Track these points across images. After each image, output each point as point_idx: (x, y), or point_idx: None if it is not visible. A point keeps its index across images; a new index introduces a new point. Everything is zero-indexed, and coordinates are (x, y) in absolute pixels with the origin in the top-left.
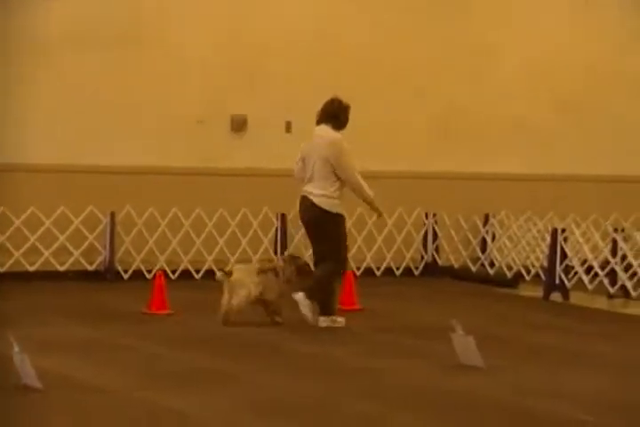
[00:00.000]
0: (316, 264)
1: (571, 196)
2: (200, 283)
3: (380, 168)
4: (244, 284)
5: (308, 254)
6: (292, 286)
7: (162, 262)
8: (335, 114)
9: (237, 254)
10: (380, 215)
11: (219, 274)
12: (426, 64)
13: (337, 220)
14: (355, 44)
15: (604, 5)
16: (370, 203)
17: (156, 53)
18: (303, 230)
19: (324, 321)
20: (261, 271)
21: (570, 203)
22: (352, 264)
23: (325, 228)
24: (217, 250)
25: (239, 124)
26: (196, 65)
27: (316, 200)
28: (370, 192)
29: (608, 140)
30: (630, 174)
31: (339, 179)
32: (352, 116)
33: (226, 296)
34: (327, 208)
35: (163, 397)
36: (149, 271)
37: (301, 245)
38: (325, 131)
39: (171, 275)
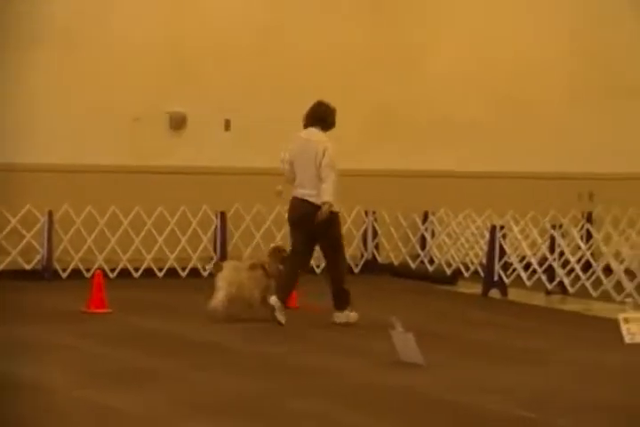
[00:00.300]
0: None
1: (509, 193)
2: (139, 281)
3: None
4: (233, 281)
5: (247, 252)
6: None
7: (100, 261)
8: (323, 117)
9: (176, 253)
10: (321, 216)
11: (209, 265)
12: (358, 63)
13: (337, 218)
14: (291, 43)
15: (540, 3)
16: (323, 196)
17: (93, 51)
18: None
19: (337, 317)
20: (251, 268)
21: (508, 200)
22: None
23: (326, 226)
24: (156, 248)
25: (178, 122)
26: (135, 63)
27: (310, 199)
28: (329, 198)
29: (543, 137)
30: (567, 171)
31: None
32: (286, 114)
33: (219, 295)
34: (316, 202)
35: (102, 395)
36: (88, 270)
37: (240, 244)
38: (315, 134)
39: (109, 273)
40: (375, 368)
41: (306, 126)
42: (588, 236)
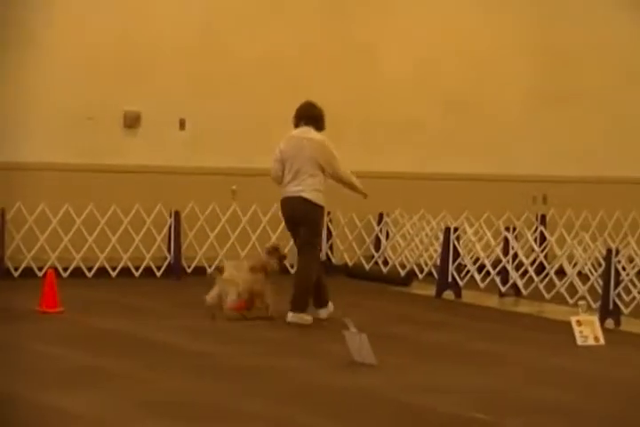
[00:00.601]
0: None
1: (464, 195)
2: (92, 280)
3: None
4: (234, 281)
5: (201, 252)
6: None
7: (53, 260)
8: (316, 117)
9: (130, 252)
10: (365, 196)
11: (210, 271)
12: (310, 62)
13: (323, 212)
14: (245, 42)
15: (489, 3)
16: (360, 192)
17: (45, 49)
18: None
19: (292, 317)
20: (252, 269)
21: (463, 202)
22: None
23: (316, 221)
24: (109, 247)
25: (132, 121)
26: (89, 61)
27: (307, 196)
28: (359, 184)
29: (498, 138)
30: (522, 173)
31: (324, 175)
32: (242, 114)
33: (213, 292)
34: (318, 202)
35: (52, 396)
36: (40, 269)
37: (195, 243)
38: (309, 132)
39: (62, 272)
40: (329, 369)
41: (298, 126)
42: (542, 238)
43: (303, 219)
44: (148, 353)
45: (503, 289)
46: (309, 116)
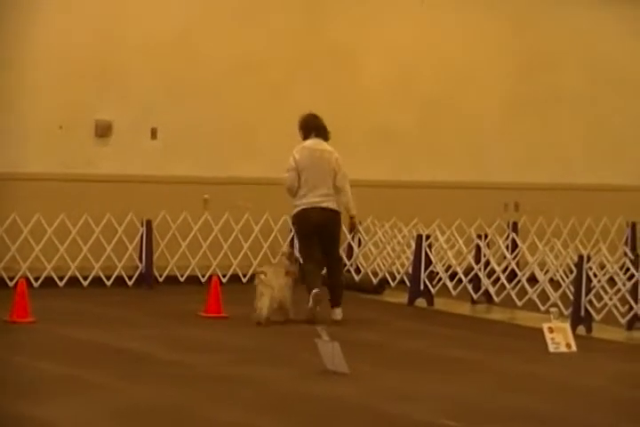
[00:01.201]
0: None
1: (435, 202)
2: (64, 290)
3: (249, 174)
4: (274, 286)
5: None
6: None
7: (24, 269)
8: (324, 128)
9: (102, 261)
10: (353, 219)
11: (259, 277)
12: (284, 69)
13: (340, 218)
14: (215, 49)
15: (465, 7)
16: (350, 209)
17: (17, 58)
18: None
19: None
20: (287, 273)
21: (434, 209)
22: (218, 272)
23: (338, 226)
24: (81, 257)
25: (104, 130)
26: (59, 70)
27: (329, 205)
28: (355, 210)
29: (470, 146)
30: (493, 181)
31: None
32: (214, 123)
33: (265, 298)
34: (338, 209)
35: (24, 406)
36: (11, 279)
37: (166, 252)
38: (321, 144)
39: (33, 282)
40: (302, 378)
41: (307, 137)
42: (514, 245)
43: (332, 228)
44: (121, 363)
45: (475, 296)
46: (318, 127)
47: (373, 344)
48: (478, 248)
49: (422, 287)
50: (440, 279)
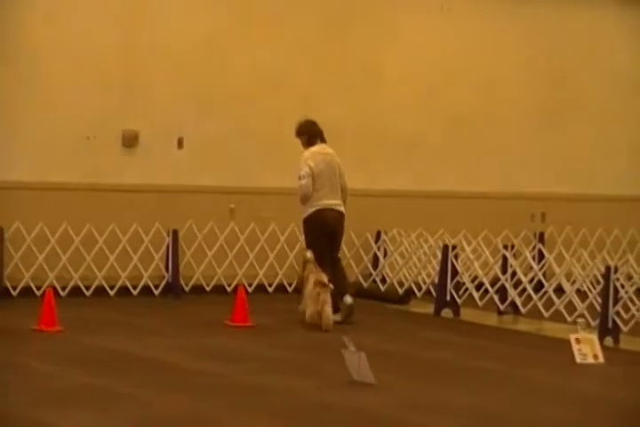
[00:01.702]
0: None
1: (462, 212)
2: (90, 299)
3: (273, 185)
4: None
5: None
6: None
7: (51, 279)
8: (322, 133)
9: (128, 271)
10: None
11: (321, 286)
12: (314, 79)
13: None
14: (243, 60)
15: (489, 18)
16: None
17: (44, 68)
18: None
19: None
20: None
21: (461, 220)
22: (244, 281)
23: (343, 228)
24: (107, 266)
25: (130, 140)
26: (87, 80)
27: (341, 208)
28: None
29: (496, 156)
30: (520, 191)
31: None
32: (248, 131)
33: (326, 306)
34: (344, 212)
35: (49, 414)
36: (39, 288)
37: (192, 262)
38: (327, 148)
39: (60, 291)
40: (327, 388)
41: (313, 143)
42: (540, 256)
43: (342, 230)
44: (146, 372)
45: (502, 307)
46: (320, 132)
47: (399, 355)
48: (505, 259)
49: (448, 298)
50: (466, 290)
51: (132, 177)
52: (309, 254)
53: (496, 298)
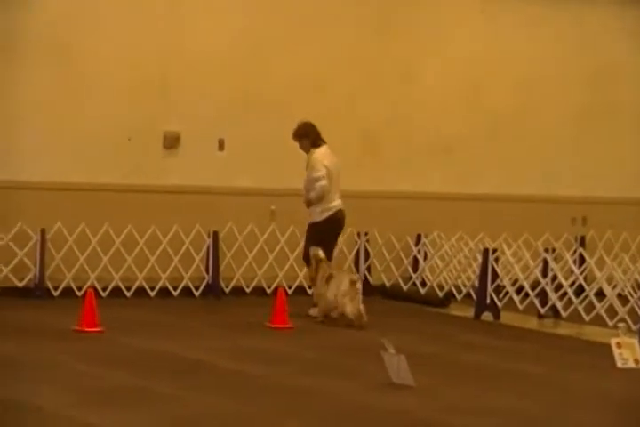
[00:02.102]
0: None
1: (502, 216)
2: (131, 301)
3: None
4: None
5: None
6: None
7: (92, 279)
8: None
9: (168, 272)
10: None
11: (356, 284)
12: (354, 82)
13: None
14: (285, 61)
15: (530, 23)
16: None
17: (87, 69)
18: None
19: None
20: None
21: (501, 223)
22: (284, 283)
23: None
24: (148, 267)
25: (172, 142)
26: (129, 82)
27: (343, 208)
28: None
29: (537, 159)
30: (561, 195)
31: None
32: (281, 134)
33: (362, 305)
34: None
35: (91, 414)
36: (80, 288)
37: (232, 264)
38: (328, 149)
39: (101, 292)
40: (366, 390)
41: (320, 144)
42: (581, 260)
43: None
44: (186, 373)
45: (542, 311)
46: (320, 135)
47: (438, 358)
48: (545, 262)
49: (489, 301)
50: (507, 293)
51: (173, 178)
52: (322, 254)
53: (536, 302)
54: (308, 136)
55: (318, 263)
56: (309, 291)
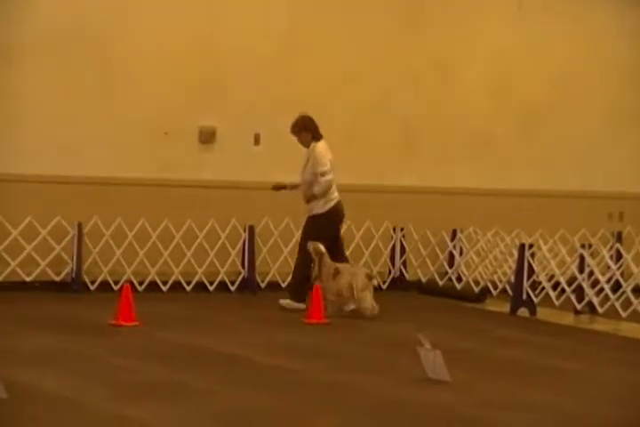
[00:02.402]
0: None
1: (539, 211)
2: (167, 295)
3: (349, 181)
4: None
5: (275, 267)
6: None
7: (129, 274)
8: None
9: (205, 267)
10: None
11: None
12: (391, 77)
13: None
14: (320, 57)
15: (560, 13)
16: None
17: (122, 64)
18: None
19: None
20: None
21: (538, 218)
22: None
23: None
24: (184, 262)
25: (208, 136)
26: (165, 76)
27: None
28: None
29: (574, 155)
30: (598, 190)
31: None
32: (320, 128)
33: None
34: None
35: (127, 408)
36: (116, 283)
37: (268, 258)
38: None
39: (138, 286)
40: (401, 385)
41: (320, 137)
42: (618, 255)
43: None
44: (221, 367)
45: (579, 307)
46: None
47: (474, 353)
48: (582, 258)
49: (525, 297)
50: (543, 289)
51: (209, 173)
52: (323, 248)
53: (573, 297)
54: (309, 129)
55: (321, 258)
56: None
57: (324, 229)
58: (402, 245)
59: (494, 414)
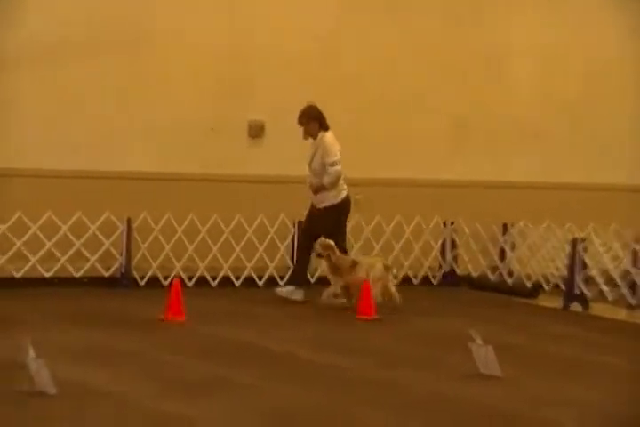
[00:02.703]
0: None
1: (591, 205)
2: (216, 290)
3: (399, 176)
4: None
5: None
6: None
7: (178, 269)
8: None
9: (254, 262)
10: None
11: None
12: (438, 72)
13: None
14: (365, 50)
15: (617, 7)
16: None
17: (170, 58)
18: None
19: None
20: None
21: (590, 212)
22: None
23: None
24: (233, 257)
25: (257, 131)
26: (213, 71)
27: None
28: None
29: (627, 148)
30: None
31: None
32: (369, 124)
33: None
34: None
35: (174, 404)
36: (166, 278)
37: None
38: None
39: (187, 282)
40: (453, 380)
41: (327, 127)
42: None
43: None
44: (268, 363)
45: (632, 301)
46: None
47: (526, 348)
48: (635, 252)
49: (577, 292)
50: (596, 284)
51: (258, 168)
52: (331, 242)
53: (626, 292)
54: (318, 119)
55: (333, 252)
56: (395, 281)
57: (337, 218)
58: (452, 240)
59: (543, 410)
